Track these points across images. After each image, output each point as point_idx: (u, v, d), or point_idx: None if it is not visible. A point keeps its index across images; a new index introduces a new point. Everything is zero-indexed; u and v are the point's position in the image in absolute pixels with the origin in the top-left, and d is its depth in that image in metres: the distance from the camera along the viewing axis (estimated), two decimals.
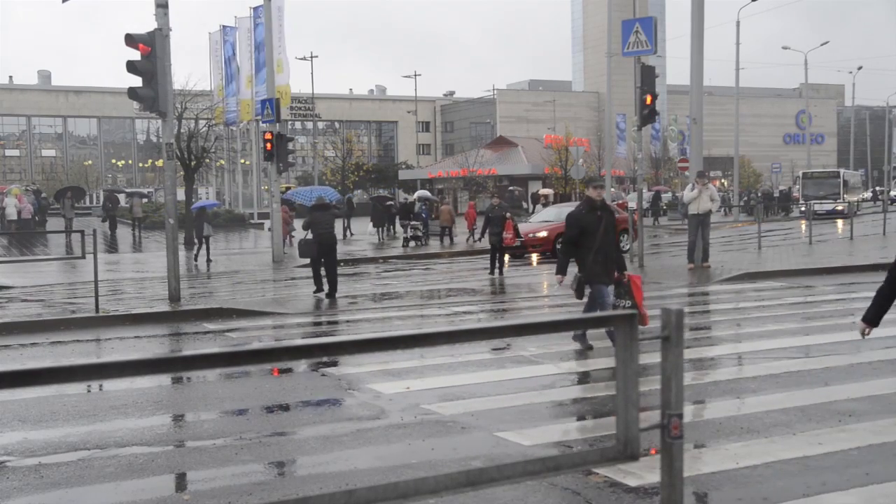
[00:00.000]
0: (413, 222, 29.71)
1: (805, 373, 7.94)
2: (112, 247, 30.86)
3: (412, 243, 28.85)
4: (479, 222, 26.77)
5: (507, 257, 20.67)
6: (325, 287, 14.56)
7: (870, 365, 8.26)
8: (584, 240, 9.03)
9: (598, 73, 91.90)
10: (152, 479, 5.40)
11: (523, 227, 25.26)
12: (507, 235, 18.76)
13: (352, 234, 34.65)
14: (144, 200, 46.86)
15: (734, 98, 50.65)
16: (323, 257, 14.46)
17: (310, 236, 14.61)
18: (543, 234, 23.60)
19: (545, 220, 25.07)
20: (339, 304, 14.00)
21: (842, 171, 48.60)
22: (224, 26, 46.33)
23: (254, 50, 42.68)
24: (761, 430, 6.09)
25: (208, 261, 23.55)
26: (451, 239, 30.52)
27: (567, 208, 26.65)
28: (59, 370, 2.29)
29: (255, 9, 40.47)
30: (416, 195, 39.19)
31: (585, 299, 9.28)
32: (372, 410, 6.93)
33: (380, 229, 33.07)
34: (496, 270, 18.45)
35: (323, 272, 14.65)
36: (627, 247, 22.95)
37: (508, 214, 19.10)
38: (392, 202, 38.90)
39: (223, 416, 7.17)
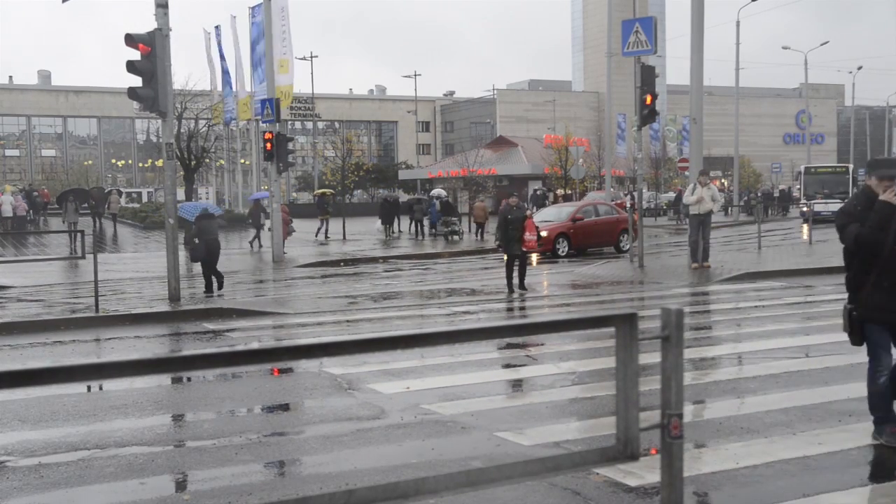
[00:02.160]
0: (452, 218, 32.69)
1: (805, 373, 7.94)
2: (99, 245, 30.79)
3: (455, 237, 31.56)
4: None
5: (533, 260, 20.14)
6: (215, 286, 15.43)
7: None
8: (860, 252, 5.65)
9: (598, 73, 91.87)
10: (152, 479, 5.40)
11: None
12: (531, 237, 16.00)
13: (398, 233, 36.11)
14: (122, 196, 50.17)
15: (734, 98, 50.65)
16: (208, 259, 15.44)
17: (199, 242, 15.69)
18: (544, 233, 23.38)
19: (545, 219, 24.97)
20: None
21: (850, 166, 41.85)
22: (217, 27, 46.27)
23: (251, 49, 42.83)
24: (761, 430, 6.09)
25: (260, 246, 27.44)
26: (482, 235, 31.58)
27: (568, 208, 26.54)
28: (59, 370, 2.29)
29: (253, 8, 40.54)
30: (432, 193, 42.02)
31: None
32: (372, 410, 6.93)
33: (387, 227, 34.94)
34: (516, 287, 14.80)
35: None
36: (627, 247, 23.03)
37: (529, 212, 16.18)
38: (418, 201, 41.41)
39: (223, 416, 7.16)
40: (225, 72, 46.00)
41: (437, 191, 43.54)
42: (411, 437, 6.13)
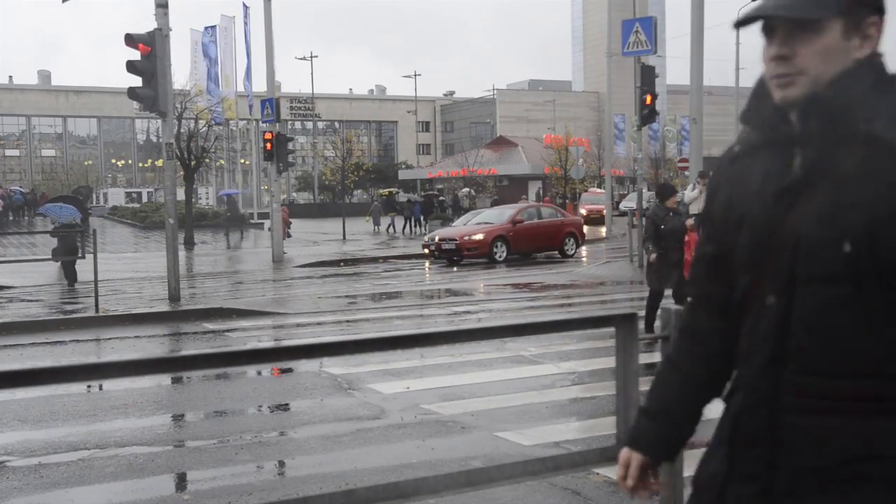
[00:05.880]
0: None
1: None
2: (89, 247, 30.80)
3: None
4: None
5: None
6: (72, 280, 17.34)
7: None
8: None
9: (598, 73, 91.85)
10: (152, 479, 5.40)
11: (459, 230, 23.48)
12: None
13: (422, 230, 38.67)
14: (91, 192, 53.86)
15: (734, 98, 50.67)
16: (69, 261, 17.15)
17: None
18: (479, 236, 22.00)
19: (484, 221, 23.57)
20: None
21: None
22: (210, 27, 46.40)
23: (247, 49, 43.39)
24: None
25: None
26: None
27: (509, 210, 24.49)
28: (59, 370, 2.30)
29: (248, 8, 40.83)
30: (459, 194, 45.79)
31: None
32: (372, 410, 6.93)
33: (407, 223, 38.26)
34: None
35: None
36: (573, 251, 22.86)
37: (690, 223, 10.12)
38: (443, 199, 43.86)
39: (223, 416, 7.17)
40: (214, 74, 46.20)
41: (466, 190, 45.97)
42: (411, 437, 6.13)
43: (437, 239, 23.08)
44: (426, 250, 23.36)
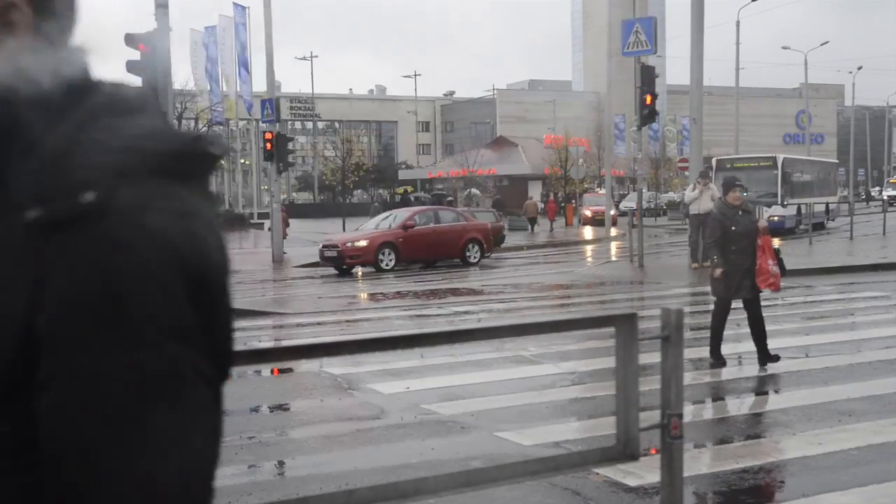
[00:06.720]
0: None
1: (805, 373, 7.95)
2: None
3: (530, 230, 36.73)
4: (559, 217, 34.07)
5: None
6: None
7: (870, 365, 8.26)
8: None
9: (598, 73, 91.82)
10: None
11: (342, 236, 21.83)
12: (774, 269, 8.18)
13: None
14: None
15: (734, 98, 50.66)
16: None
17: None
18: (362, 243, 19.90)
19: (374, 226, 21.64)
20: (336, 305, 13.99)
21: (779, 156, 30.89)
22: (209, 27, 46.47)
23: (240, 49, 43.49)
24: (761, 430, 6.09)
25: None
26: (532, 228, 36.69)
27: (403, 213, 22.36)
28: None
29: (245, 8, 40.88)
30: (468, 192, 48.00)
31: None
32: (372, 410, 6.93)
33: None
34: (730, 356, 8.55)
35: None
36: (476, 259, 21.44)
37: (762, 223, 8.64)
38: (451, 199, 45.66)
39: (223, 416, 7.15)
40: (210, 73, 46.24)
41: (474, 191, 47.54)
42: (411, 437, 6.13)
43: (320, 245, 20.97)
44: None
